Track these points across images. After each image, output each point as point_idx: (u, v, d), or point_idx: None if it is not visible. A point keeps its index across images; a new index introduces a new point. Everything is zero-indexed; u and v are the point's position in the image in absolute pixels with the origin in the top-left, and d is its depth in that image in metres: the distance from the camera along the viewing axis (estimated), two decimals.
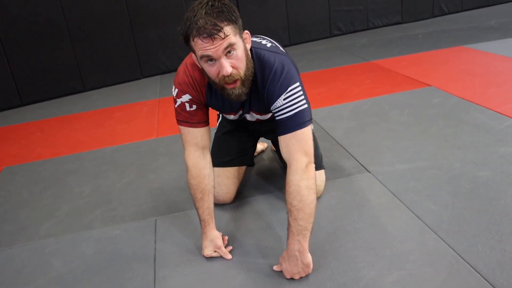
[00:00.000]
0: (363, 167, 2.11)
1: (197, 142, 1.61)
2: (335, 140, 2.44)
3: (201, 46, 1.31)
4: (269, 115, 1.74)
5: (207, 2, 1.29)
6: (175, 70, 1.65)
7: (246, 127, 1.97)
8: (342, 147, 2.35)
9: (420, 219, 1.67)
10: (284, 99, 1.45)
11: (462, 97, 2.82)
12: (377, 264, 1.46)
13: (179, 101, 1.57)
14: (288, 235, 1.42)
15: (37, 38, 4.13)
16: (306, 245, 1.40)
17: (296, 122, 1.45)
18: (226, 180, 1.90)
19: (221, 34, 1.28)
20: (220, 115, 2.05)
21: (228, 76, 1.35)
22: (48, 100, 4.35)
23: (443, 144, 2.24)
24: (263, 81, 1.48)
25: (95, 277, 1.59)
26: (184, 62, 1.57)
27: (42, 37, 4.15)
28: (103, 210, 2.05)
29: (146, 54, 4.62)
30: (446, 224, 1.61)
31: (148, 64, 4.67)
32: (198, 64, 1.44)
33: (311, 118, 1.50)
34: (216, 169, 1.86)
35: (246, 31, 1.43)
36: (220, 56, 1.32)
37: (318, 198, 1.86)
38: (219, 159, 1.90)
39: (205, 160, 1.63)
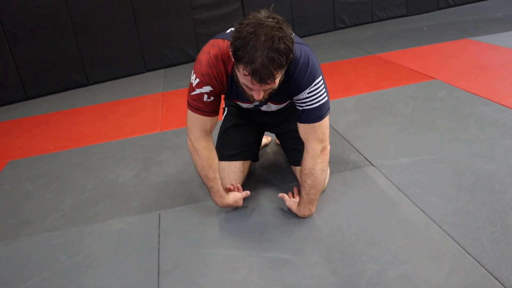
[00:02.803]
0: (367, 160, 2.10)
1: (206, 129, 1.66)
2: (339, 134, 2.43)
3: (248, 81, 1.33)
4: (286, 103, 1.75)
5: (272, 39, 1.24)
6: (179, 63, 1.66)
7: (252, 119, 1.97)
8: (346, 140, 2.34)
9: (424, 212, 1.66)
10: (308, 93, 1.53)
11: (467, 90, 2.80)
12: (381, 257, 1.46)
13: (198, 90, 1.57)
14: (300, 201, 1.70)
15: (40, 32, 4.13)
16: (314, 209, 1.72)
17: (315, 115, 1.56)
18: (231, 174, 1.90)
19: (271, 82, 1.31)
20: (226, 108, 2.05)
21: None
22: (52, 94, 4.35)
23: (448, 137, 2.22)
24: (288, 75, 1.48)
25: (99, 270, 1.60)
26: (206, 51, 1.54)
27: (45, 31, 4.14)
28: (107, 204, 2.06)
29: (150, 48, 4.60)
30: (450, 218, 1.61)
31: (152, 57, 4.65)
32: (237, 73, 1.39)
33: (329, 107, 1.60)
34: (221, 162, 1.86)
35: None
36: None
37: (322, 191, 1.86)
38: (224, 153, 1.90)
39: (211, 142, 1.70)
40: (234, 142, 1.96)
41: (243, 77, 1.34)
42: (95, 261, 1.66)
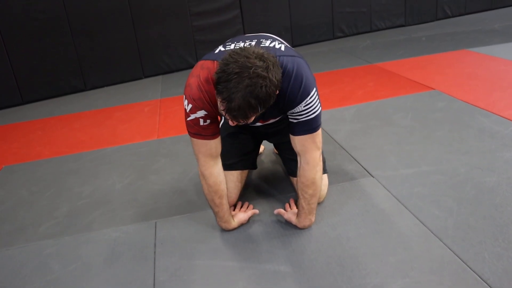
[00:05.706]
0: (367, 171, 2.09)
1: (211, 153, 1.62)
2: (338, 143, 2.42)
3: (224, 113, 1.33)
4: (280, 116, 1.73)
5: (255, 86, 1.23)
6: (177, 70, 1.63)
7: (249, 129, 1.95)
8: (345, 150, 2.33)
9: (424, 225, 1.64)
10: (304, 106, 1.51)
11: (466, 101, 2.79)
12: (381, 271, 1.43)
13: (192, 116, 1.53)
14: (300, 212, 1.68)
15: (38, 36, 4.11)
16: (314, 218, 1.70)
17: (311, 126, 1.56)
18: (230, 183, 1.88)
19: (244, 122, 1.34)
20: (223, 116, 2.03)
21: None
22: (49, 98, 4.32)
23: (448, 148, 2.21)
24: (281, 91, 1.45)
25: (94, 280, 1.57)
26: (195, 74, 1.50)
27: (43, 35, 4.13)
28: (102, 212, 2.03)
29: (148, 54, 4.59)
30: (451, 231, 1.59)
31: (150, 63, 4.64)
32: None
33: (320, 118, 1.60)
34: None
35: None
36: None
37: (320, 202, 1.84)
38: (222, 162, 1.87)
39: (218, 167, 1.66)
40: (232, 151, 1.94)
41: (219, 103, 1.33)
42: (90, 270, 1.62)
